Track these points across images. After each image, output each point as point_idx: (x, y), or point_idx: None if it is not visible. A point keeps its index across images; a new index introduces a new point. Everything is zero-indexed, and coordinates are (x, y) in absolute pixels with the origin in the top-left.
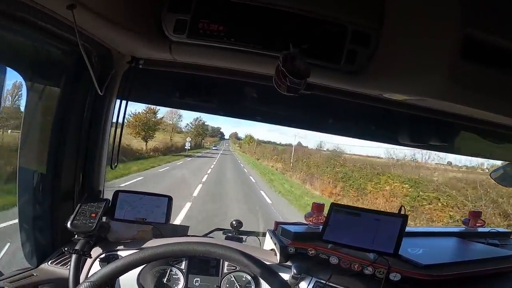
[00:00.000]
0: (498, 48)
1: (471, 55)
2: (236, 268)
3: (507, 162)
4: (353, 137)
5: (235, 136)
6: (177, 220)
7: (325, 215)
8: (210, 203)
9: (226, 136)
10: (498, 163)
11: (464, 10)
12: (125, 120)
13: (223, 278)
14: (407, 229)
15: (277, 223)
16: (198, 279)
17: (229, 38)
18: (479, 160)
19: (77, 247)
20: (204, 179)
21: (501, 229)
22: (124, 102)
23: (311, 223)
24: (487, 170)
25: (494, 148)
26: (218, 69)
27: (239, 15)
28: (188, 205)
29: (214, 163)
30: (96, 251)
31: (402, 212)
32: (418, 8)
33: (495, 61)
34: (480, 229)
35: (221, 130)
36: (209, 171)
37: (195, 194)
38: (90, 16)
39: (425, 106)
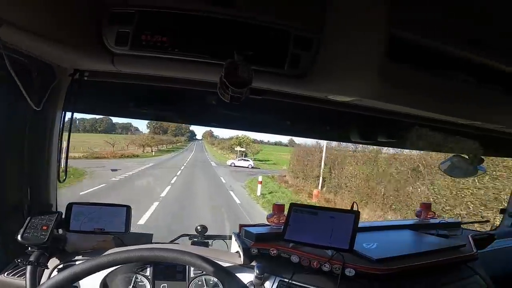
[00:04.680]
0: (423, 48)
1: (398, 55)
2: (202, 272)
3: (453, 154)
4: (306, 137)
5: (209, 135)
6: None
7: (286, 215)
8: None
9: (199, 136)
10: None
11: (390, 11)
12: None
13: (190, 283)
14: (363, 224)
15: (241, 226)
16: (165, 285)
17: (173, 48)
18: None
19: (31, 259)
20: None
21: (450, 220)
22: (69, 114)
23: (273, 223)
24: None
25: (438, 142)
26: (165, 78)
27: (182, 26)
28: None
29: None
30: (53, 262)
31: (355, 208)
32: (352, 12)
33: (421, 61)
34: (431, 220)
35: (190, 128)
36: None
37: None
38: (20, 33)
39: (368, 106)
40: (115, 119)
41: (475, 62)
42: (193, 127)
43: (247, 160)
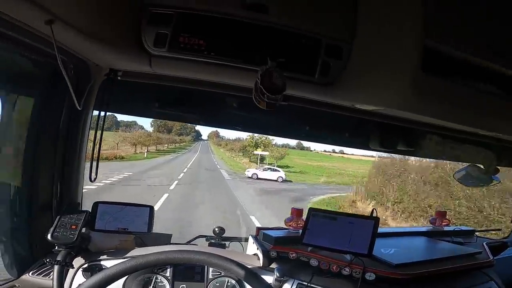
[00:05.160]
0: (456, 61)
1: (431, 67)
2: (221, 274)
3: (469, 164)
4: (328, 143)
5: (215, 135)
6: None
7: (304, 220)
8: None
9: (204, 136)
10: None
11: (425, 24)
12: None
13: (208, 284)
14: (380, 229)
15: (259, 229)
16: (184, 285)
17: (210, 52)
18: None
19: (58, 258)
20: None
21: (464, 228)
22: (102, 113)
23: (291, 227)
24: None
25: (456, 151)
26: (199, 81)
27: (218, 30)
28: None
29: None
30: (78, 262)
31: (374, 215)
32: (385, 23)
33: (453, 73)
34: (446, 228)
35: (196, 128)
36: None
37: None
38: (68, 30)
39: (392, 115)
40: (120, 117)
41: (509, 76)
42: (198, 127)
43: (277, 170)
